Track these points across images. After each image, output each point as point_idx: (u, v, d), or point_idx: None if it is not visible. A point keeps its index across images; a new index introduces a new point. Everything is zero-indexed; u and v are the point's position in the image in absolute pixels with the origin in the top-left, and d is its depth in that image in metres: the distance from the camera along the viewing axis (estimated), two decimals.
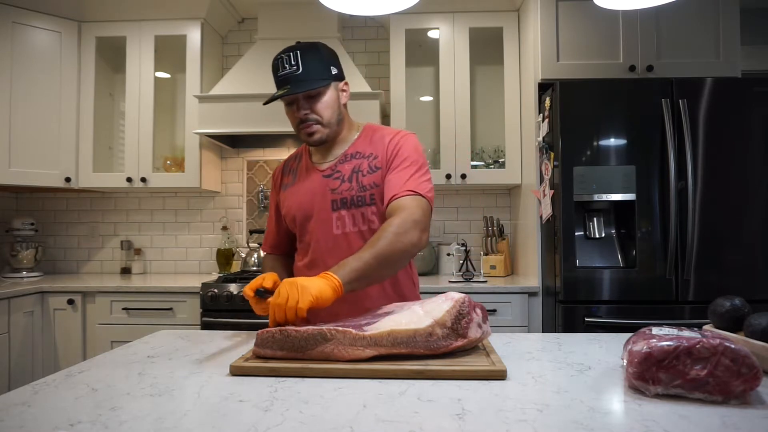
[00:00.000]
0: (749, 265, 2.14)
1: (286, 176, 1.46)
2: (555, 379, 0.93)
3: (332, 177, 1.35)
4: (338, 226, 1.32)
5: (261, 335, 1.01)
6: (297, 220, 1.38)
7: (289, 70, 1.27)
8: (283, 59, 1.29)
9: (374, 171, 1.33)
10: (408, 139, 1.36)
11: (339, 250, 1.31)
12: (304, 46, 1.30)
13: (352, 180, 1.33)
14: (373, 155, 1.35)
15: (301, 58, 1.27)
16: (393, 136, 1.36)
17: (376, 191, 1.31)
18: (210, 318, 2.39)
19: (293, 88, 1.25)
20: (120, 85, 3.07)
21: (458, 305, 1.00)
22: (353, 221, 1.32)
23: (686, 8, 2.38)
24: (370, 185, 1.32)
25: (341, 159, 1.37)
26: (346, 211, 1.32)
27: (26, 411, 0.78)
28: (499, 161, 2.89)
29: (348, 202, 1.32)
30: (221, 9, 2.97)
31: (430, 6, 2.76)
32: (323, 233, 1.33)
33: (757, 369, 0.78)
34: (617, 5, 1.33)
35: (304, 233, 1.38)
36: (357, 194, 1.31)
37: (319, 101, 1.30)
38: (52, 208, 3.22)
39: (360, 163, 1.35)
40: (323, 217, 1.33)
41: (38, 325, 2.50)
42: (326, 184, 1.34)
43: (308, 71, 1.27)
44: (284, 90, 1.26)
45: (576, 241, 2.19)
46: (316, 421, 0.74)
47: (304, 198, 1.36)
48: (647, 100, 2.18)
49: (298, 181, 1.41)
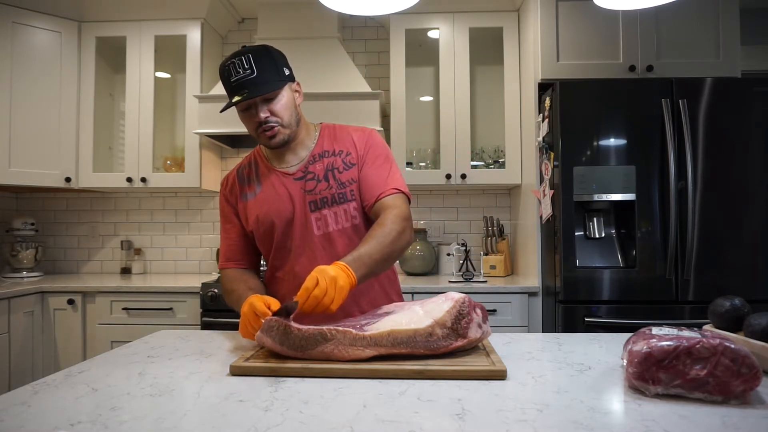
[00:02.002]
0: (749, 265, 2.14)
1: (245, 186, 1.39)
2: (555, 379, 0.93)
3: (305, 179, 1.33)
4: (319, 227, 1.31)
5: (268, 322, 1.02)
6: (276, 226, 1.32)
7: (243, 75, 1.24)
8: (235, 64, 1.24)
9: (350, 167, 1.34)
10: (376, 135, 1.40)
11: (322, 250, 1.30)
12: (254, 49, 1.26)
13: (329, 178, 1.32)
14: (344, 152, 1.36)
15: (254, 62, 1.24)
16: (360, 132, 1.39)
17: (355, 187, 1.33)
18: (210, 318, 2.39)
19: (252, 92, 1.23)
20: (120, 85, 3.07)
21: (458, 305, 1.00)
22: (336, 219, 1.31)
23: (686, 8, 2.38)
24: (348, 181, 1.33)
25: (310, 160, 1.35)
26: (327, 210, 1.31)
27: (26, 411, 0.78)
28: (499, 161, 2.89)
29: (329, 201, 1.31)
30: (221, 9, 2.97)
31: (430, 6, 2.76)
32: (304, 237, 1.31)
33: (757, 369, 0.78)
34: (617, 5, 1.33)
35: (284, 239, 1.33)
36: (337, 191, 1.31)
37: (278, 103, 1.28)
38: (52, 208, 3.22)
39: (332, 161, 1.34)
40: (303, 220, 1.32)
41: (38, 325, 2.50)
42: (300, 187, 1.33)
43: (263, 74, 1.24)
44: (242, 95, 1.23)
45: (576, 241, 2.19)
46: (316, 421, 0.74)
47: (280, 204, 1.32)
48: (647, 100, 2.18)
49: (265, 187, 1.36)
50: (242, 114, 1.31)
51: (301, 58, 2.82)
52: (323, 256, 1.30)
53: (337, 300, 1.04)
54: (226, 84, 1.27)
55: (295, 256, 1.33)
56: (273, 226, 1.33)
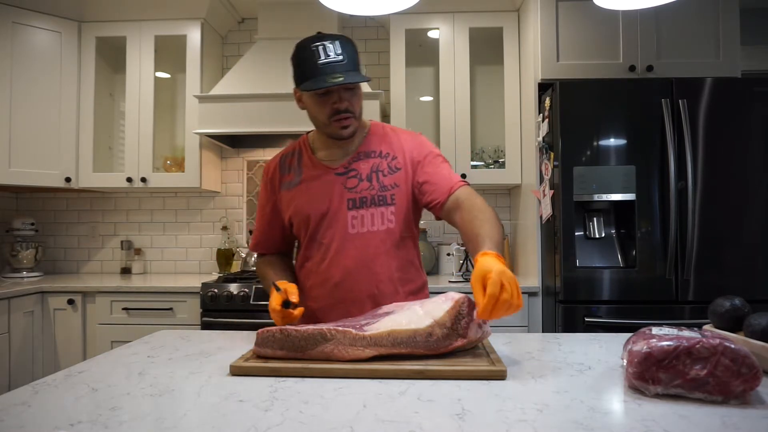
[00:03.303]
0: (749, 265, 2.14)
1: (286, 174, 1.40)
2: (555, 379, 0.93)
3: (347, 175, 1.32)
4: (354, 225, 1.30)
5: (261, 334, 1.01)
6: (311, 219, 1.33)
7: (335, 59, 1.21)
8: (325, 46, 1.21)
9: (394, 171, 1.33)
10: (425, 138, 1.41)
11: (354, 249, 1.30)
12: (341, 37, 1.25)
13: (372, 179, 1.31)
14: (390, 155, 1.35)
15: (343, 49, 1.22)
16: (410, 136, 1.39)
17: (396, 192, 1.31)
18: (210, 318, 2.39)
19: (347, 77, 1.19)
20: (120, 85, 3.07)
21: (458, 305, 1.00)
22: (372, 220, 1.30)
23: (686, 8, 2.38)
24: (390, 185, 1.31)
25: (355, 157, 1.34)
26: (365, 210, 1.30)
27: (26, 411, 0.78)
28: (499, 161, 2.89)
29: (368, 201, 1.30)
30: (221, 9, 2.97)
31: (430, 6, 2.76)
32: (338, 233, 1.31)
33: (757, 369, 0.78)
34: (617, 5, 1.33)
35: (317, 233, 1.34)
36: (378, 194, 1.31)
37: (357, 94, 1.29)
38: (52, 208, 3.22)
39: (378, 163, 1.33)
40: (339, 216, 1.31)
41: (38, 325, 2.50)
42: (341, 183, 1.32)
43: (351, 62, 1.23)
44: (336, 78, 1.19)
45: (576, 241, 2.19)
46: (316, 421, 0.74)
47: (318, 197, 1.32)
48: (647, 100, 2.18)
49: (306, 179, 1.36)
50: (318, 98, 1.26)
51: None
52: (356, 255, 1.29)
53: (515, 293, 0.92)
54: (309, 64, 1.22)
55: (327, 251, 1.32)
56: (308, 219, 1.33)
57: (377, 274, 1.30)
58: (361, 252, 1.30)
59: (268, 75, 2.77)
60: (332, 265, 1.31)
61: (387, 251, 1.31)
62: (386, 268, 1.31)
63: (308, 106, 1.31)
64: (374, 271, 1.30)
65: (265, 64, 2.81)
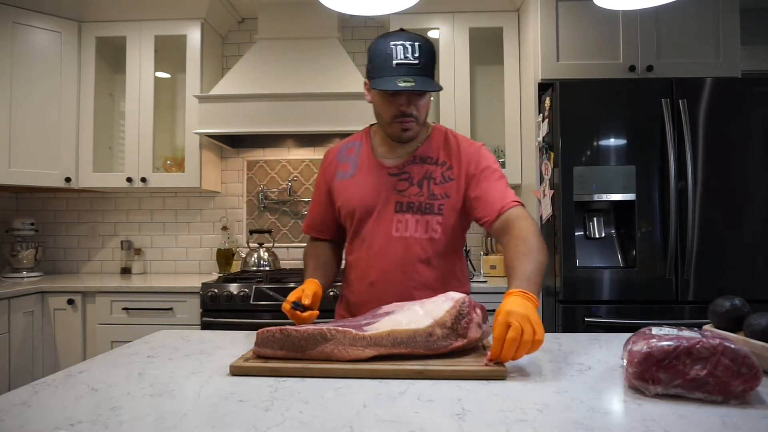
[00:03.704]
0: (749, 265, 2.14)
1: (342, 164, 1.39)
2: (555, 379, 0.93)
3: (399, 177, 1.32)
4: (398, 229, 1.30)
5: (261, 335, 1.01)
6: (356, 214, 1.33)
7: (413, 61, 1.20)
8: (405, 47, 1.21)
9: (447, 181, 1.31)
10: (486, 150, 1.37)
11: (395, 252, 1.30)
12: (423, 40, 1.23)
13: (423, 186, 1.30)
14: (447, 164, 1.33)
15: (420, 53, 1.21)
16: (470, 147, 1.35)
17: (445, 202, 1.30)
18: (210, 318, 2.39)
19: (419, 84, 1.19)
20: (120, 85, 3.06)
21: (458, 305, 1.00)
22: (416, 227, 1.29)
23: (686, 8, 2.38)
24: (441, 195, 1.30)
25: (410, 159, 1.34)
26: (411, 216, 1.30)
27: (26, 411, 0.78)
28: (499, 161, 2.89)
29: (414, 207, 1.30)
30: (221, 9, 2.97)
31: (430, 6, 2.76)
32: (381, 233, 1.31)
33: (757, 369, 0.78)
34: (617, 5, 1.33)
35: (361, 229, 1.34)
36: (426, 201, 1.30)
37: (424, 100, 1.28)
38: (52, 208, 3.22)
39: (432, 170, 1.32)
40: (384, 216, 1.31)
41: (38, 325, 2.50)
42: (392, 184, 1.32)
43: (426, 69, 1.22)
44: (409, 82, 1.18)
45: (576, 241, 2.19)
46: (316, 421, 0.74)
47: (367, 193, 1.32)
48: (647, 100, 2.18)
49: (359, 173, 1.36)
50: (386, 97, 1.25)
51: (301, 58, 2.82)
52: (395, 259, 1.29)
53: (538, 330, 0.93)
54: (384, 61, 1.21)
55: (368, 249, 1.32)
56: (353, 213, 1.34)
57: (413, 280, 1.30)
58: (401, 256, 1.29)
59: (268, 75, 2.77)
60: (371, 263, 1.32)
61: (428, 260, 1.31)
62: (424, 276, 1.31)
63: (375, 102, 1.31)
64: (411, 276, 1.30)
65: (265, 64, 2.81)
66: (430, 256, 1.31)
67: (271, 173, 3.15)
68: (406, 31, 1.26)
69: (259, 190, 3.14)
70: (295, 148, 3.15)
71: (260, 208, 3.15)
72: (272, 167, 3.16)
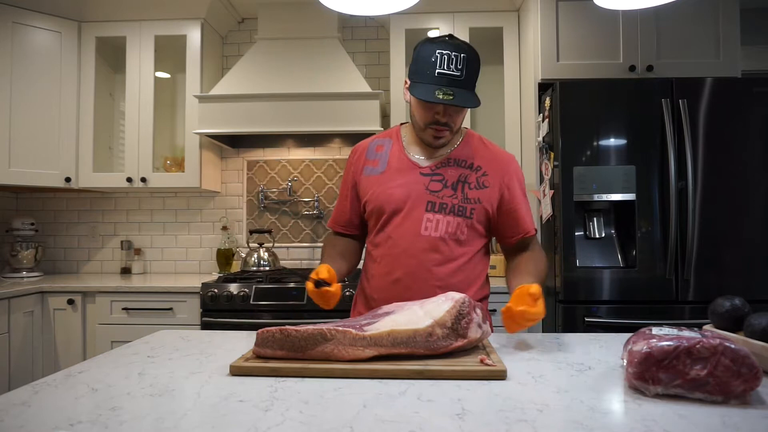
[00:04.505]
0: (749, 265, 2.14)
1: (371, 160, 1.40)
2: (555, 379, 0.93)
3: (433, 178, 1.33)
4: (427, 228, 1.30)
5: (261, 335, 1.01)
6: (385, 210, 1.33)
7: (455, 73, 1.22)
8: (451, 57, 1.22)
9: (482, 188, 1.34)
10: (517, 164, 1.43)
11: (421, 250, 1.30)
12: (470, 52, 1.25)
13: (457, 189, 1.32)
14: (482, 170, 1.35)
15: (466, 66, 1.23)
16: (506, 158, 1.40)
17: (477, 207, 1.32)
18: (210, 318, 2.39)
19: (458, 99, 1.21)
20: (120, 85, 3.06)
21: (458, 305, 1.00)
22: (446, 228, 1.30)
23: (686, 8, 2.38)
24: (474, 200, 1.32)
25: (444, 161, 1.35)
26: (442, 216, 1.31)
27: (26, 411, 0.78)
28: None
29: (447, 209, 1.31)
30: (221, 9, 2.97)
31: (430, 6, 2.76)
32: (410, 231, 1.31)
33: (757, 369, 0.78)
34: (617, 5, 1.33)
35: (387, 225, 1.34)
36: (460, 204, 1.31)
37: (462, 112, 1.30)
38: (52, 208, 3.22)
39: (467, 174, 1.34)
40: (414, 215, 1.31)
41: (38, 325, 2.50)
42: (425, 183, 1.33)
43: (469, 81, 1.24)
44: (448, 95, 1.20)
45: (576, 241, 2.19)
46: (316, 421, 0.74)
47: (398, 191, 1.33)
48: (647, 100, 2.18)
49: (390, 170, 1.36)
50: (424, 104, 1.28)
51: (301, 58, 2.82)
52: (422, 257, 1.30)
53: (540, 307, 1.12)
54: (427, 67, 1.23)
55: (395, 246, 1.32)
56: (382, 209, 1.34)
57: (439, 279, 1.30)
58: (428, 256, 1.30)
59: (268, 75, 2.77)
60: (397, 260, 1.31)
61: (453, 260, 1.32)
62: (448, 276, 1.31)
63: (412, 104, 1.33)
64: (437, 276, 1.30)
65: (265, 64, 2.81)
66: (456, 256, 1.32)
67: (271, 173, 3.15)
68: (454, 38, 1.26)
69: (259, 190, 3.14)
70: (295, 148, 3.15)
71: (260, 208, 3.15)
72: (272, 167, 3.16)
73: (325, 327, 1.00)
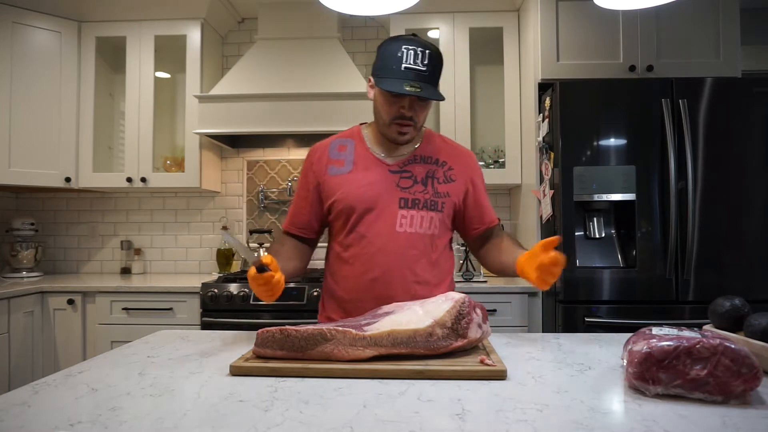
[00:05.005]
0: (749, 265, 2.14)
1: (335, 160, 1.38)
2: (555, 379, 0.93)
3: (402, 175, 1.35)
4: (402, 224, 1.32)
5: (261, 335, 1.01)
6: (356, 210, 1.32)
7: (421, 68, 1.24)
8: (417, 52, 1.24)
9: (450, 182, 1.38)
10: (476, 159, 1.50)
11: (399, 247, 1.31)
12: (433, 49, 1.26)
13: (427, 184, 1.35)
14: (447, 165, 1.39)
15: (430, 61, 1.25)
16: (466, 153, 1.47)
17: (447, 201, 1.36)
18: (210, 318, 2.39)
19: (425, 91, 1.23)
20: (120, 85, 3.06)
21: (458, 305, 1.00)
22: (420, 223, 1.33)
23: (686, 8, 2.38)
24: (444, 194, 1.36)
25: (410, 158, 1.37)
26: (416, 212, 1.32)
27: (26, 411, 0.78)
28: (499, 161, 2.89)
29: (420, 204, 1.33)
30: (221, 9, 2.97)
31: (430, 6, 2.76)
32: (385, 229, 1.31)
33: (757, 369, 0.78)
34: (617, 5, 1.33)
35: (359, 224, 1.33)
36: (432, 199, 1.34)
37: (425, 107, 1.32)
38: (52, 208, 3.22)
39: (434, 170, 1.37)
40: (388, 212, 1.32)
41: (38, 325, 2.50)
42: (395, 181, 1.34)
43: (433, 77, 1.27)
44: (415, 87, 1.22)
45: (576, 241, 2.19)
46: (316, 421, 0.74)
47: (369, 189, 1.33)
48: (647, 100, 2.18)
49: (357, 169, 1.36)
50: (390, 98, 1.28)
51: (301, 58, 2.82)
52: (400, 254, 1.30)
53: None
54: (394, 62, 1.24)
55: (370, 245, 1.31)
56: (352, 209, 1.33)
57: (416, 275, 1.32)
58: (405, 252, 1.31)
59: (268, 75, 2.77)
60: (373, 259, 1.31)
61: (429, 255, 1.34)
62: (426, 271, 1.34)
63: (376, 101, 1.34)
64: (414, 271, 1.32)
65: (265, 64, 2.81)
66: (431, 251, 1.35)
67: (271, 173, 3.15)
68: (418, 37, 1.28)
69: (259, 190, 3.14)
70: (295, 148, 3.15)
71: (260, 208, 3.15)
72: (272, 167, 3.16)
73: (325, 327, 1.00)
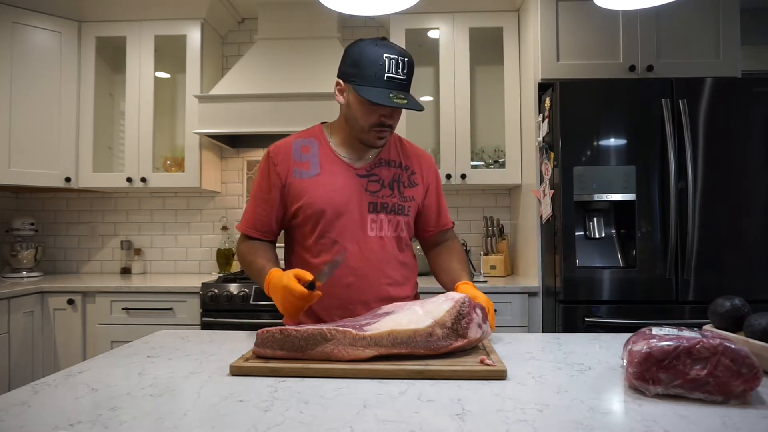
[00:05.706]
0: (749, 265, 2.14)
1: (299, 162, 1.34)
2: (555, 379, 0.93)
3: (369, 179, 1.36)
4: (372, 228, 1.34)
5: (261, 335, 1.01)
6: (326, 214, 1.30)
7: (402, 77, 1.26)
8: (397, 62, 1.24)
9: (413, 185, 1.42)
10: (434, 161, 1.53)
11: (371, 251, 1.32)
12: (409, 56, 1.28)
13: (394, 188, 1.38)
14: (410, 169, 1.43)
15: (408, 69, 1.27)
16: (426, 157, 1.50)
17: (412, 204, 1.41)
18: (210, 318, 2.39)
19: (411, 102, 1.25)
20: (120, 85, 3.06)
21: (458, 305, 1.00)
22: (388, 226, 1.36)
23: (686, 8, 2.38)
24: (410, 197, 1.40)
25: (376, 162, 1.38)
26: (384, 216, 1.35)
27: (26, 411, 0.78)
28: (499, 161, 2.89)
29: (389, 208, 1.36)
30: (221, 9, 2.97)
31: (430, 6, 2.76)
32: (356, 233, 1.31)
33: (757, 369, 0.78)
34: (617, 5, 1.33)
35: (330, 230, 1.31)
36: (399, 203, 1.37)
37: (400, 113, 1.34)
38: (52, 208, 3.22)
39: (399, 174, 1.40)
40: (357, 217, 1.32)
41: (38, 325, 2.50)
42: (362, 185, 1.34)
43: (409, 83, 1.29)
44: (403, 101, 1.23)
45: (576, 241, 2.19)
46: (316, 421, 0.74)
47: (338, 194, 1.31)
48: (647, 100, 2.18)
49: (324, 173, 1.33)
50: (369, 107, 1.27)
51: (301, 58, 2.82)
52: (372, 258, 1.33)
53: None
54: (375, 72, 1.23)
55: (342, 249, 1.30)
56: (322, 214, 1.30)
57: (389, 278, 1.35)
58: (378, 256, 1.33)
59: (268, 75, 2.77)
60: (347, 265, 1.30)
61: (397, 257, 1.38)
62: (397, 272, 1.38)
63: (352, 107, 1.30)
64: (387, 274, 1.35)
65: (265, 64, 2.81)
66: (398, 252, 1.38)
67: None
68: (388, 41, 1.28)
69: None
70: None
71: None
72: None
73: (325, 327, 1.00)
